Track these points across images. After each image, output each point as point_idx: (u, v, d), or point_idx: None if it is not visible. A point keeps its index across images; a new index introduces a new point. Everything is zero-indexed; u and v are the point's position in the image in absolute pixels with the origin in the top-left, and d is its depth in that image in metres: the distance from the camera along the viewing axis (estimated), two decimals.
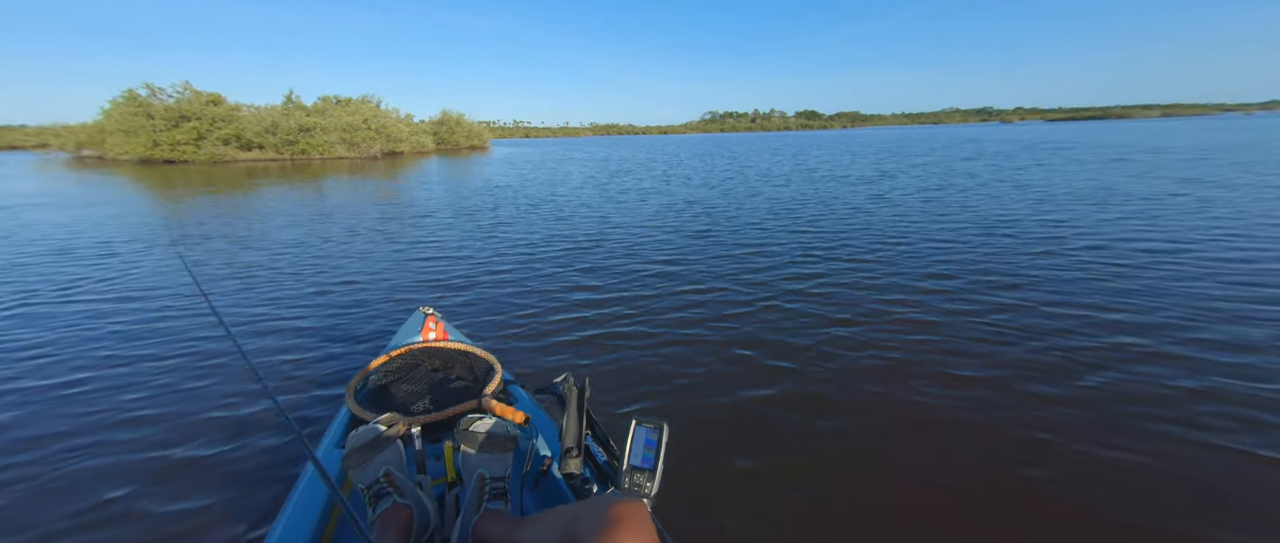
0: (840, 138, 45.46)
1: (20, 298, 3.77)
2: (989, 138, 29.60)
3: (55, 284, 4.10)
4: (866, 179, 10.37)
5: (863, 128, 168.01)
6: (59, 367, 2.61)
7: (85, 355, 2.74)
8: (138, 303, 3.61)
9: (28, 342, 2.93)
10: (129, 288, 3.97)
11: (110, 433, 2.02)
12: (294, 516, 1.08)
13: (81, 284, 4.10)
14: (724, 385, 2.33)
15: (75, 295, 3.81)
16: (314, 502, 1.12)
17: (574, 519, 0.70)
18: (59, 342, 2.93)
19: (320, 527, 1.07)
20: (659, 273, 4.14)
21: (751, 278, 3.88)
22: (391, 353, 1.64)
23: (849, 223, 5.89)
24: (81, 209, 8.42)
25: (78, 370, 2.56)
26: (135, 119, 23.73)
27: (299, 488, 1.18)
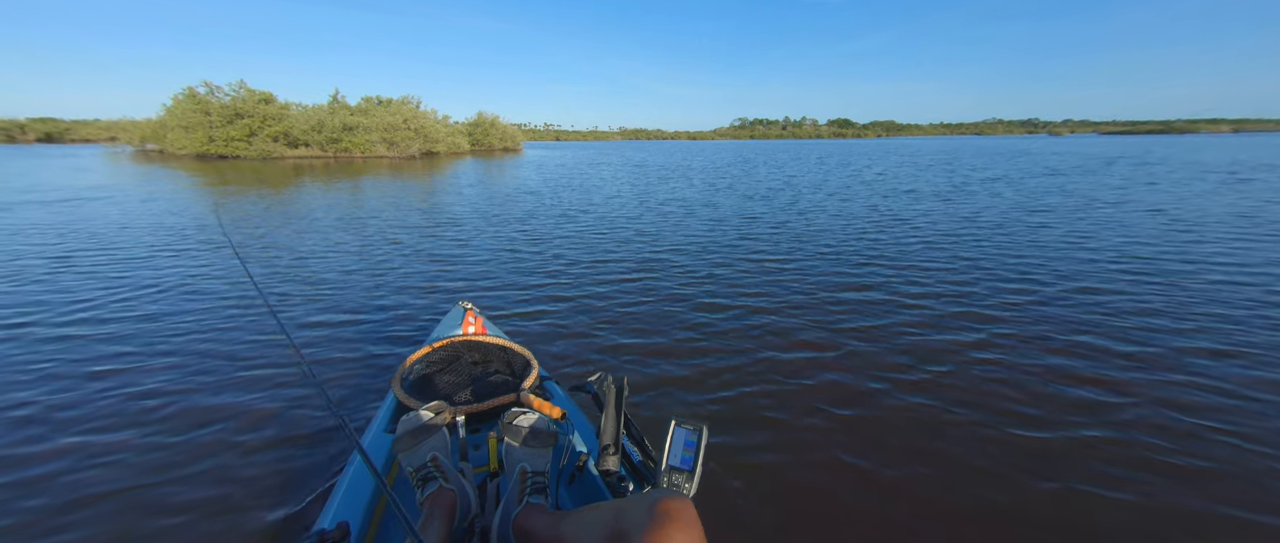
0: (880, 147, 43.65)
1: (94, 289, 3.85)
2: (1048, 151, 27.78)
3: (126, 282, 4.05)
4: (940, 194, 9.35)
5: (898, 137, 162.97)
6: (130, 348, 2.76)
7: (148, 337, 2.91)
8: (197, 293, 3.69)
9: (108, 333, 3.01)
10: (190, 280, 4.06)
11: (171, 411, 2.13)
12: (348, 495, 1.13)
13: (148, 275, 4.20)
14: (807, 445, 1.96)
15: (143, 286, 3.90)
16: (366, 483, 1.16)
17: (619, 514, 0.69)
18: (133, 335, 2.99)
19: (372, 505, 1.11)
20: (710, 293, 3.74)
21: (846, 324, 3.05)
22: (434, 344, 1.67)
23: (950, 251, 4.83)
24: (143, 203, 8.68)
25: (148, 355, 2.70)
26: (193, 115, 24.90)
27: (350, 470, 1.23)
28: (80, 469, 1.77)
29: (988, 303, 3.38)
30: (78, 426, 2.03)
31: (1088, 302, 3.38)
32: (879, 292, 3.64)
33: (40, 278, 4.05)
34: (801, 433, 1.97)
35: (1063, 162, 18.44)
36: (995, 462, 1.80)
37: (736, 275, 4.11)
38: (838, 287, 3.78)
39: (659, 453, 0.91)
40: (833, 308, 3.32)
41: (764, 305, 3.38)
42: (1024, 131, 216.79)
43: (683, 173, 15.29)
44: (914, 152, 31.14)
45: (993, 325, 3.00)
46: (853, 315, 3.18)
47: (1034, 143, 49.30)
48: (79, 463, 1.80)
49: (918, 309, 3.27)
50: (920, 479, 1.71)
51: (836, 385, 2.33)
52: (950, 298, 3.50)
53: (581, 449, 1.27)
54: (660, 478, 0.89)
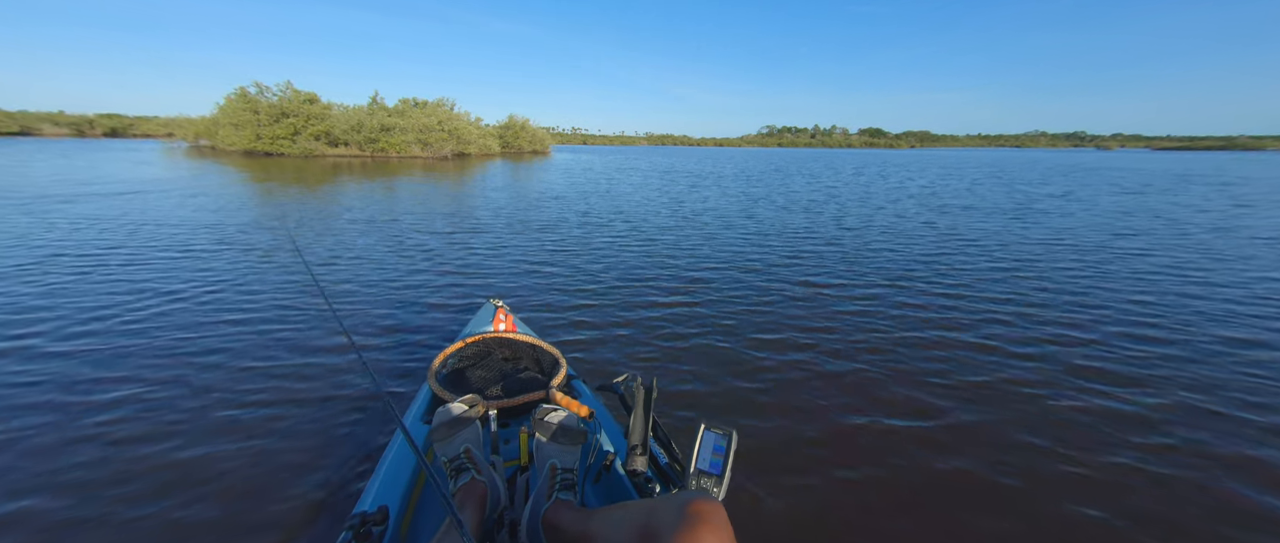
0: (917, 158, 41.97)
1: (159, 277, 4.08)
2: (1106, 167, 25.99)
3: (190, 272, 4.21)
4: (1003, 210, 8.57)
5: (933, 148, 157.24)
6: (200, 331, 2.94)
7: (210, 326, 3.05)
8: (256, 289, 3.80)
9: (172, 321, 3.13)
10: (251, 272, 4.21)
11: (225, 394, 2.25)
12: (386, 480, 1.18)
13: (211, 266, 4.42)
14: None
15: (206, 276, 4.12)
16: (403, 468, 1.21)
17: (650, 513, 0.70)
18: (198, 321, 3.13)
19: (409, 491, 1.16)
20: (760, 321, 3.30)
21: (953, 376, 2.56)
22: (466, 339, 1.69)
23: (1039, 281, 4.20)
24: (201, 198, 8.83)
25: (210, 342, 2.81)
26: (243, 114, 25.98)
27: (389, 455, 1.28)
28: (140, 438, 1.93)
29: (1115, 357, 2.78)
30: (142, 403, 2.17)
31: (1248, 361, 2.75)
32: (968, 333, 3.12)
33: (114, 262, 4.40)
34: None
35: (1128, 178, 17.15)
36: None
37: (788, 304, 3.65)
38: (916, 324, 3.27)
39: (687, 456, 0.91)
40: (916, 355, 2.80)
41: (832, 345, 2.93)
42: (1069, 145, 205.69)
43: (714, 181, 14.85)
44: (956, 163, 29.72)
45: (1141, 393, 2.39)
46: (946, 366, 2.68)
47: (1083, 157, 46.63)
48: (139, 431, 1.97)
49: (1025, 362, 2.74)
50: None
51: (960, 477, 1.79)
52: (1066, 344, 2.94)
53: (608, 449, 1.28)
54: (688, 481, 0.89)
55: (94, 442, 1.91)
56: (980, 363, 2.73)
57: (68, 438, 1.93)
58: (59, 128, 61.76)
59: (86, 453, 1.84)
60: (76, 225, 6.02)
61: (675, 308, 3.55)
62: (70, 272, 4.12)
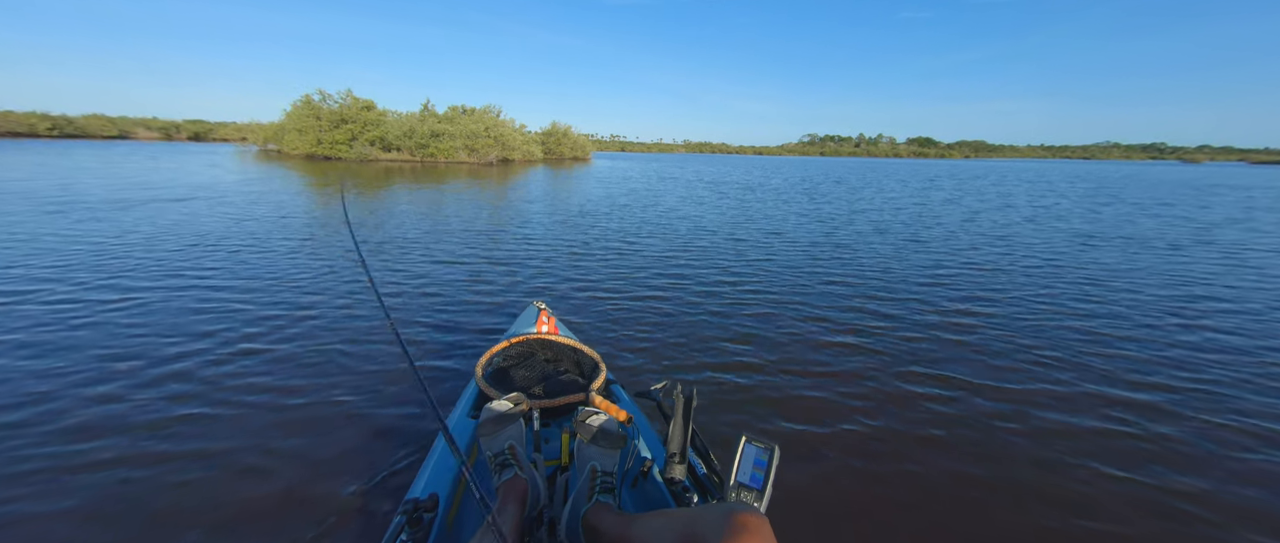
0: (985, 169, 38.81)
1: (231, 270, 4.39)
2: (1219, 183, 23.13)
3: (261, 273, 4.36)
4: (1148, 241, 6.66)
5: (989, 159, 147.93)
6: (262, 328, 3.09)
7: (278, 318, 3.26)
8: (315, 290, 3.93)
9: (250, 315, 3.34)
10: (310, 279, 4.27)
11: (280, 387, 2.37)
12: (436, 470, 1.24)
13: (276, 265, 4.63)
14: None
15: (274, 275, 4.31)
16: (451, 461, 1.26)
17: (693, 521, 0.69)
18: (266, 316, 3.33)
19: (456, 481, 1.21)
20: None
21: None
22: (511, 340, 1.72)
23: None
24: (269, 200, 9.22)
25: (282, 342, 2.91)
26: (307, 120, 27.60)
27: (439, 446, 1.35)
28: (207, 422, 2.08)
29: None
30: (204, 397, 2.28)
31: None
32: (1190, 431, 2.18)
33: (184, 257, 4.74)
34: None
35: (1258, 197, 14.54)
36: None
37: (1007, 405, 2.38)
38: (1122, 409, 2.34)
39: (726, 468, 0.90)
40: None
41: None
42: (1146, 157, 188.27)
43: (771, 193, 13.37)
44: (1031, 176, 27.26)
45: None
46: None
47: (1172, 171, 42.29)
48: (206, 417, 2.12)
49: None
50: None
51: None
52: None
53: (645, 455, 1.28)
54: (727, 493, 0.87)
55: (176, 420, 2.10)
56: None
57: (154, 421, 2.09)
58: (151, 132, 68.29)
59: (177, 430, 2.03)
60: (156, 232, 6.28)
61: (738, 353, 3.12)
62: (145, 269, 4.32)
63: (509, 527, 0.91)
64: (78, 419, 2.06)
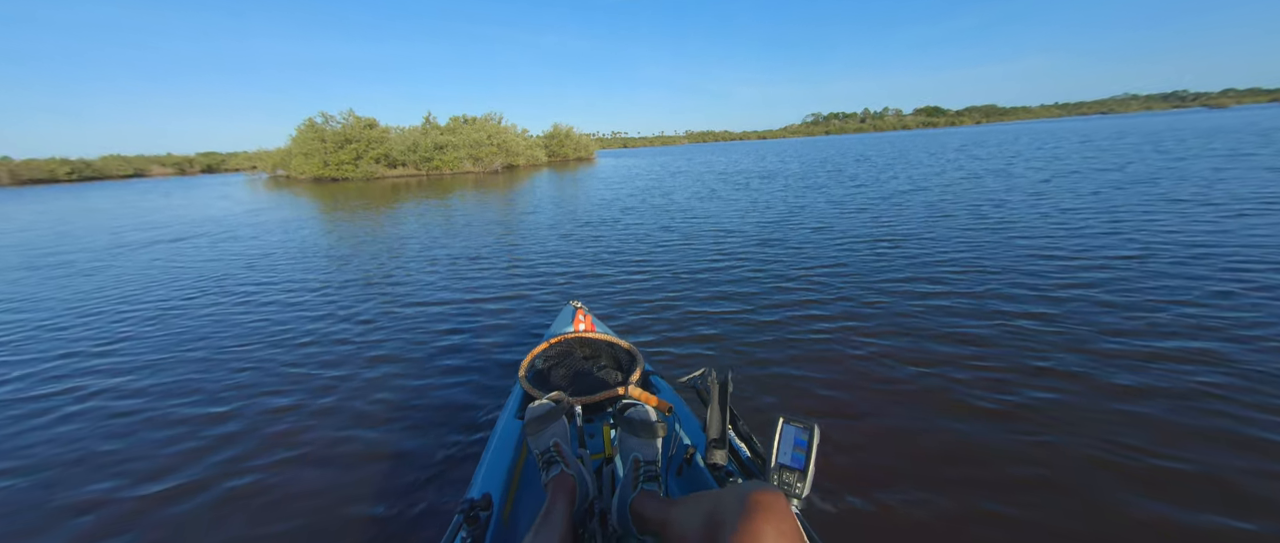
0: (1009, 133, 36.84)
1: (284, 291, 4.71)
2: (1242, 128, 21.96)
3: (311, 288, 4.71)
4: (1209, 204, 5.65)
5: (1003, 123, 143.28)
6: (314, 344, 3.37)
7: (329, 330, 3.59)
8: (356, 311, 4.05)
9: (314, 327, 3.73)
10: (350, 298, 4.45)
11: (356, 393, 2.59)
12: (489, 470, 1.30)
13: (330, 282, 4.94)
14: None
15: (328, 291, 4.66)
16: (503, 459, 1.33)
17: (717, 502, 0.72)
18: (317, 331, 3.65)
19: (509, 480, 1.27)
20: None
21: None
22: (550, 340, 1.78)
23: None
24: (307, 228, 9.10)
25: (339, 343, 3.32)
26: (312, 143, 27.77)
27: (491, 447, 1.41)
28: (275, 426, 2.31)
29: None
30: (286, 410, 2.49)
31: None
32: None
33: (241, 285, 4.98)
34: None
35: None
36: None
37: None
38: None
39: (768, 450, 0.90)
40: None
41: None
42: (1168, 107, 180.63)
43: (797, 181, 11.66)
44: (1048, 138, 25.93)
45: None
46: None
47: (1200, 119, 40.22)
48: (276, 421, 2.36)
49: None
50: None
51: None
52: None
53: (688, 442, 1.30)
54: (769, 475, 0.88)
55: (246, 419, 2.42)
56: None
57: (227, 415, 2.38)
58: (165, 168, 69.93)
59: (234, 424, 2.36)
60: (192, 261, 6.16)
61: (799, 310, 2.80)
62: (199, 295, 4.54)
63: (559, 521, 0.94)
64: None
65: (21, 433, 2.39)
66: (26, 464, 2.14)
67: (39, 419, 2.51)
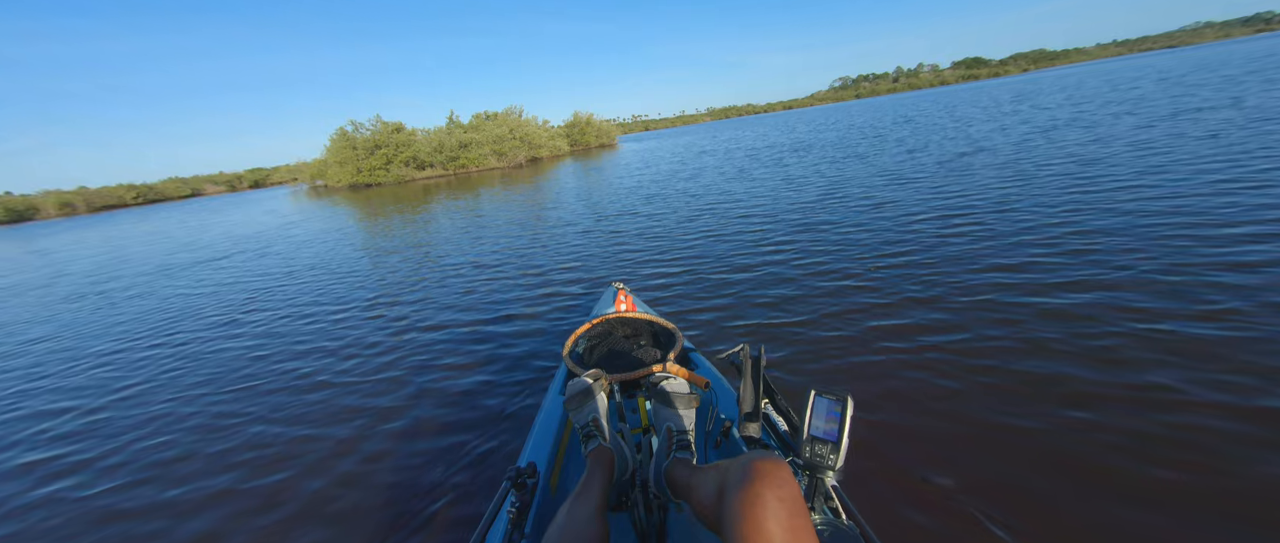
0: (1050, 81, 32.85)
1: (363, 297, 4.82)
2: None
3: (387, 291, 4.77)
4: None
5: (1053, 68, 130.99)
6: (386, 335, 3.69)
7: (397, 321, 3.92)
8: (415, 299, 4.49)
9: (369, 322, 4.13)
10: (403, 290, 4.86)
11: (416, 372, 2.88)
12: (536, 442, 1.40)
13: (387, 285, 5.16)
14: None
15: (391, 286, 5.06)
16: (548, 432, 1.43)
17: (725, 471, 0.75)
18: (394, 321, 4.04)
19: (554, 452, 1.36)
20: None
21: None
22: (592, 321, 1.87)
23: None
24: (371, 237, 9.25)
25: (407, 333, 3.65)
26: (345, 152, 28.64)
27: (538, 421, 1.52)
28: (351, 404, 2.63)
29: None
30: (346, 388, 2.86)
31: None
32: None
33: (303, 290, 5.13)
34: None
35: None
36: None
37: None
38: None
39: (802, 422, 0.90)
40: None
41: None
42: (1249, 32, 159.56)
43: (836, 151, 10.73)
44: (1126, 77, 22.76)
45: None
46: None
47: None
48: (352, 403, 2.64)
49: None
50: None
51: None
52: None
53: (726, 416, 1.34)
54: (802, 448, 0.88)
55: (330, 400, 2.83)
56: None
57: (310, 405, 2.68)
58: (217, 186, 74.58)
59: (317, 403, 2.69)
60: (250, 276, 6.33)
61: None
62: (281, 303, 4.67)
63: (598, 489, 0.98)
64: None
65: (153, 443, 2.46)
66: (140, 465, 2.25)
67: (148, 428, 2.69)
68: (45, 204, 55.68)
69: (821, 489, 0.87)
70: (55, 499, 2.14)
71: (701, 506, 0.80)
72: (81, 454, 2.49)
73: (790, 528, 0.62)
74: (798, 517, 0.64)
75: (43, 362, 4.09)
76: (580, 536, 0.86)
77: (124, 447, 2.50)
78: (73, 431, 2.77)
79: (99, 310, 5.66)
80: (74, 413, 2.99)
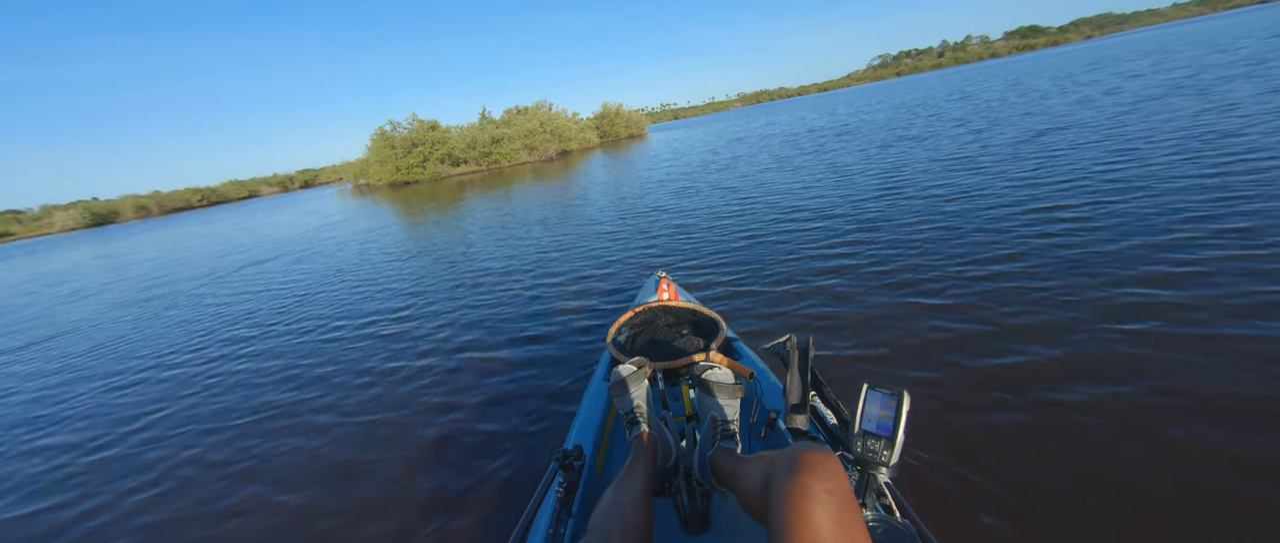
0: (1125, 47, 29.13)
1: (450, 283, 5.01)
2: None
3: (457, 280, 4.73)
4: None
5: (1122, 33, 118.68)
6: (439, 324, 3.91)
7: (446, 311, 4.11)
8: (460, 294, 4.65)
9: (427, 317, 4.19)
10: (450, 283, 5.03)
11: (462, 358, 3.07)
12: (582, 426, 1.44)
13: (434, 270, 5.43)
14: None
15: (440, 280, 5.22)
16: (594, 416, 1.47)
17: (772, 461, 0.75)
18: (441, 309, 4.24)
19: (599, 435, 1.39)
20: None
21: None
22: (635, 309, 1.83)
23: None
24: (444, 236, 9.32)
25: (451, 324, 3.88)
26: (384, 151, 29.49)
27: (583, 405, 1.58)
28: (417, 390, 2.78)
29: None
30: (412, 375, 2.99)
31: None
32: None
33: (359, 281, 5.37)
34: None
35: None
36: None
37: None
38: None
39: (853, 416, 0.89)
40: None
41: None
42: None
43: (884, 135, 9.86)
44: (1222, 37, 19.94)
45: None
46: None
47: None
48: (420, 388, 2.79)
49: None
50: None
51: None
52: None
53: (771, 407, 1.33)
54: (853, 442, 0.87)
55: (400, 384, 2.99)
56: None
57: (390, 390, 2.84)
58: (271, 187, 79.27)
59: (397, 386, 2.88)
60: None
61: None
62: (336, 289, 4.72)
63: (642, 474, 0.99)
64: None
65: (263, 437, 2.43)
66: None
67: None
68: (124, 208, 60.84)
69: (873, 485, 0.84)
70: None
71: (747, 494, 0.79)
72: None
73: (840, 522, 0.61)
74: (847, 511, 0.62)
75: (122, 339, 4.17)
76: (627, 518, 0.87)
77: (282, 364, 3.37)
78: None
79: (182, 308, 5.83)
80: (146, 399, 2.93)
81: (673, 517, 1.11)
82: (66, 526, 2.11)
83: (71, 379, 4.02)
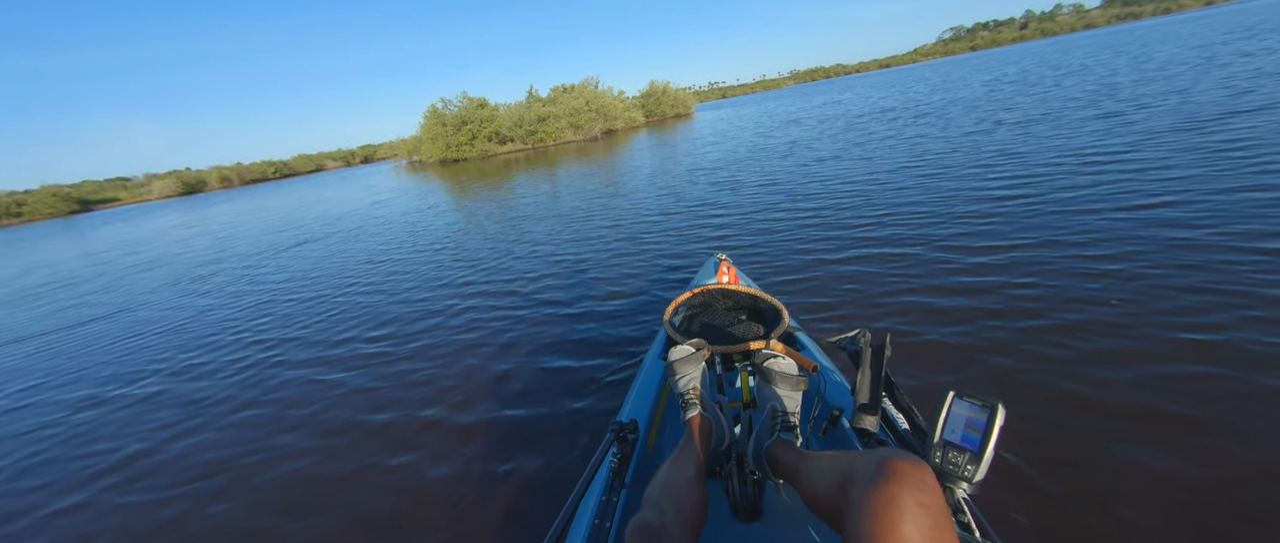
0: (1265, 9, 24.85)
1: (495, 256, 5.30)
2: None
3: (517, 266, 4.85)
4: None
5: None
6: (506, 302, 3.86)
7: (563, 288, 3.94)
8: (524, 271, 4.74)
9: (496, 292, 4.25)
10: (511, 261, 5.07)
11: (520, 334, 3.18)
12: (636, 400, 1.46)
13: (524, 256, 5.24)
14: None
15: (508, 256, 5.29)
16: (648, 392, 1.47)
17: (851, 462, 0.71)
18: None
19: (653, 411, 1.40)
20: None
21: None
22: (694, 290, 1.83)
23: None
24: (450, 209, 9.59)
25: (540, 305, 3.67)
26: (436, 128, 30.32)
27: (638, 380, 1.58)
28: (465, 360, 2.94)
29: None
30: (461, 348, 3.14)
31: None
32: None
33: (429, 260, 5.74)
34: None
35: None
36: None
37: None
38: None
39: (931, 424, 0.81)
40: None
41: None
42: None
43: (979, 116, 8.45)
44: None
45: None
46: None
47: None
48: (472, 358, 2.95)
49: None
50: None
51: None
52: None
53: (835, 403, 1.28)
54: (932, 452, 0.79)
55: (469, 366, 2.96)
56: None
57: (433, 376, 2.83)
58: (335, 162, 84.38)
59: (453, 374, 2.81)
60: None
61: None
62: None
63: (695, 455, 0.99)
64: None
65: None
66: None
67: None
68: (210, 178, 66.80)
69: (950, 500, 0.77)
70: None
71: (814, 492, 0.76)
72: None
73: (933, 540, 0.56)
74: (942, 529, 0.57)
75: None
76: (681, 494, 0.88)
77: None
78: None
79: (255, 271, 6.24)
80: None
81: (723, 501, 1.09)
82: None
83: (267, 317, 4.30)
